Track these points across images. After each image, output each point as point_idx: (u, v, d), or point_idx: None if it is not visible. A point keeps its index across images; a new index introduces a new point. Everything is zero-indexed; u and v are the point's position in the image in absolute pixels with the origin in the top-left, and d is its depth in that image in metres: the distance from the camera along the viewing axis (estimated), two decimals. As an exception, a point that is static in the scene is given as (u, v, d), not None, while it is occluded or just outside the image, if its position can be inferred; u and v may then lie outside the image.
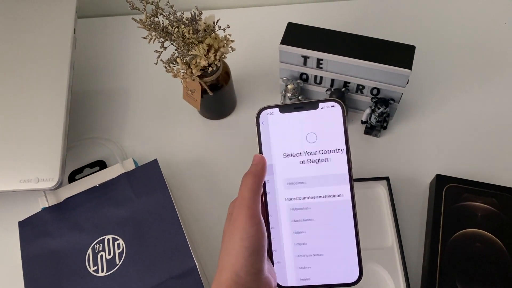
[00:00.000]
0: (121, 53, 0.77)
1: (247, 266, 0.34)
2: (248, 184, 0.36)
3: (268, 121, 0.39)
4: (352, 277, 0.37)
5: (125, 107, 0.71)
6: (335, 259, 0.37)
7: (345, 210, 0.37)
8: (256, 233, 0.34)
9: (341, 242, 0.37)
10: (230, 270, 0.34)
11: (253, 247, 0.34)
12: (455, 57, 0.72)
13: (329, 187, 0.38)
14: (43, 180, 0.56)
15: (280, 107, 0.38)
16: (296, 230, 0.38)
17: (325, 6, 0.79)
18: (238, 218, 0.35)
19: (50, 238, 0.56)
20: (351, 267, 0.37)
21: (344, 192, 0.37)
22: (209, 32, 0.55)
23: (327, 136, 0.38)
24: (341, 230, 0.37)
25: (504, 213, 0.54)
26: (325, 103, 0.38)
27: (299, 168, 0.38)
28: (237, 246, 0.34)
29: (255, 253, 0.34)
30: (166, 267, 0.53)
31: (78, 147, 0.67)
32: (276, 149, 0.38)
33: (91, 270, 0.54)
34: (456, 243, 0.53)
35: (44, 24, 0.64)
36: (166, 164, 0.64)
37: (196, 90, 0.60)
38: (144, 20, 0.53)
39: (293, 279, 0.38)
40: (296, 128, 0.38)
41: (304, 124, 0.38)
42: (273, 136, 0.38)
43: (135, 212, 0.57)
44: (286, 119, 0.38)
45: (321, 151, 0.38)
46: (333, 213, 0.37)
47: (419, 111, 0.67)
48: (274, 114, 0.38)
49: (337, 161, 0.38)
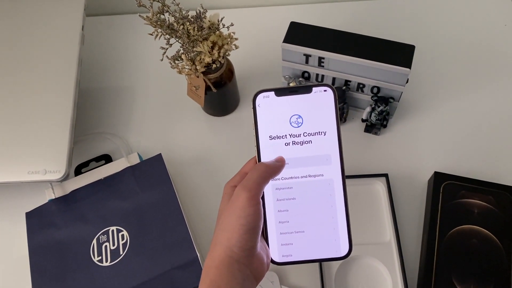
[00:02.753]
0: (127, 51, 0.79)
1: (241, 242, 0.35)
2: (259, 171, 0.37)
3: (264, 104, 0.40)
4: (341, 251, 0.38)
5: (131, 103, 0.73)
6: (319, 235, 0.38)
7: (328, 188, 0.39)
8: (254, 213, 0.35)
9: (325, 219, 0.38)
10: (225, 245, 0.36)
11: (249, 225, 0.35)
12: (454, 57, 0.73)
13: (312, 167, 0.39)
14: (50, 172, 0.57)
15: (276, 91, 0.40)
16: (279, 208, 0.39)
17: (326, 7, 0.81)
18: (238, 198, 0.36)
19: (56, 229, 0.58)
20: (339, 242, 0.38)
21: (325, 172, 0.39)
22: (214, 29, 0.57)
23: (316, 118, 0.39)
24: (324, 207, 0.39)
25: (501, 210, 0.55)
26: (318, 88, 0.39)
27: (284, 150, 0.39)
28: (233, 223, 0.35)
29: (250, 231, 0.35)
30: (168, 258, 0.54)
31: (84, 141, 0.69)
32: (265, 131, 0.40)
33: (96, 260, 0.56)
34: (453, 239, 0.54)
35: (53, 21, 0.66)
36: (170, 159, 0.65)
37: (200, 86, 0.62)
38: (150, 17, 0.54)
39: (275, 255, 0.39)
40: (288, 110, 0.40)
41: (296, 107, 0.39)
42: (267, 119, 0.40)
43: (139, 204, 0.58)
44: (281, 102, 0.40)
45: (305, 133, 0.39)
46: (316, 192, 0.39)
47: (419, 110, 0.68)
48: (270, 98, 0.40)
49: (321, 143, 0.39)
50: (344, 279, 0.55)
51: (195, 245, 0.55)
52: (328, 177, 0.39)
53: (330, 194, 0.39)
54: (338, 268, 0.55)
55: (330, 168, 0.39)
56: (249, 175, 0.37)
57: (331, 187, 0.39)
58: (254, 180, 0.37)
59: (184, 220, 0.56)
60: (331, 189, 0.39)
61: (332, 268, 0.55)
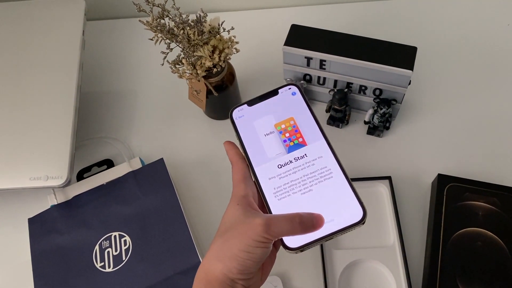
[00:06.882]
0: (128, 55, 0.79)
1: (243, 267, 0.34)
2: (290, 224, 0.35)
3: (240, 116, 0.44)
4: (356, 217, 0.37)
5: (132, 107, 0.73)
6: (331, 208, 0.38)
7: (323, 164, 0.40)
8: (263, 251, 0.35)
9: (333, 191, 0.38)
10: (224, 264, 0.35)
11: (255, 258, 0.34)
12: (457, 58, 0.73)
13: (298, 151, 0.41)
14: (52, 178, 0.57)
15: (248, 102, 0.44)
16: (281, 197, 0.39)
17: (328, 8, 0.80)
18: (256, 230, 0.34)
19: (59, 235, 0.58)
20: (352, 209, 0.37)
21: (308, 152, 0.40)
22: (214, 33, 0.56)
23: (289, 112, 0.43)
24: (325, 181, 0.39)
25: (505, 212, 0.55)
26: (283, 88, 0.44)
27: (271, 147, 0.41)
28: (241, 247, 0.34)
29: (255, 262, 0.35)
30: (171, 263, 0.54)
31: (86, 146, 0.69)
32: (248, 137, 0.42)
33: (98, 266, 0.55)
34: (457, 242, 0.54)
35: (54, 26, 0.66)
36: (172, 163, 0.65)
37: (202, 90, 0.62)
38: (150, 22, 0.54)
39: (292, 242, 0.37)
40: (262, 114, 0.43)
41: (268, 109, 0.43)
42: (246, 128, 0.43)
43: (141, 209, 0.58)
44: (256, 109, 0.44)
45: (283, 126, 0.42)
46: (312, 171, 0.40)
47: (421, 112, 0.68)
48: (244, 109, 0.44)
49: (303, 130, 0.42)
50: (348, 282, 0.55)
51: (197, 250, 0.55)
52: (319, 155, 0.40)
53: (326, 167, 0.39)
54: (342, 272, 0.55)
55: (316, 146, 0.40)
56: (280, 219, 0.35)
57: (325, 160, 0.40)
58: (281, 229, 0.34)
59: (186, 225, 0.56)
60: (325, 163, 0.40)
61: (336, 271, 0.55)
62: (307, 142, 0.41)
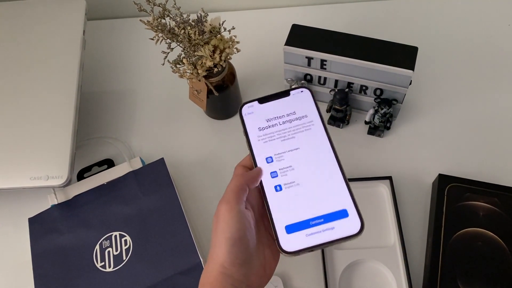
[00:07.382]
0: (129, 55, 0.79)
1: (231, 257, 0.35)
2: (235, 181, 0.38)
3: (250, 112, 0.44)
4: (354, 228, 0.37)
5: (133, 107, 0.73)
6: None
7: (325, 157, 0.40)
8: (236, 223, 0.35)
9: (334, 196, 0.38)
10: (215, 261, 0.35)
11: (234, 237, 0.35)
12: (457, 59, 0.73)
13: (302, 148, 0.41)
14: (52, 177, 0.57)
15: (259, 99, 0.44)
16: (282, 201, 0.39)
17: (328, 8, 0.80)
18: (219, 212, 0.36)
19: (59, 235, 0.58)
20: (350, 220, 0.37)
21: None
22: (215, 33, 0.56)
23: (299, 113, 0.43)
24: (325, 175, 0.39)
25: (506, 213, 0.55)
26: (295, 90, 0.44)
27: (276, 146, 0.42)
28: (220, 238, 0.35)
29: (237, 244, 0.35)
30: (171, 263, 0.54)
31: (86, 146, 0.69)
32: (255, 134, 0.43)
33: (99, 265, 0.55)
34: (458, 242, 0.54)
35: (54, 25, 0.66)
36: (173, 163, 0.65)
37: (202, 90, 0.62)
38: (151, 22, 0.54)
39: (287, 245, 0.37)
40: (271, 112, 0.44)
41: (278, 109, 0.44)
42: (254, 124, 0.43)
43: (141, 209, 0.58)
44: (266, 107, 0.44)
45: (291, 126, 0.42)
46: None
47: (422, 112, 0.68)
48: (254, 106, 0.44)
49: (310, 132, 0.42)
50: (349, 283, 0.55)
51: (198, 250, 0.54)
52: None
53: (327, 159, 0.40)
54: (343, 272, 0.55)
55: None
56: (227, 187, 0.38)
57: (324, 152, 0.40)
58: (230, 189, 0.37)
59: (187, 225, 0.56)
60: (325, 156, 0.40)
61: (337, 271, 0.55)
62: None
